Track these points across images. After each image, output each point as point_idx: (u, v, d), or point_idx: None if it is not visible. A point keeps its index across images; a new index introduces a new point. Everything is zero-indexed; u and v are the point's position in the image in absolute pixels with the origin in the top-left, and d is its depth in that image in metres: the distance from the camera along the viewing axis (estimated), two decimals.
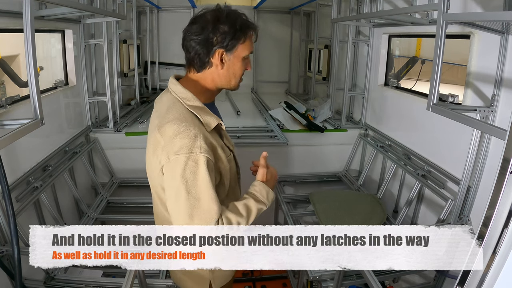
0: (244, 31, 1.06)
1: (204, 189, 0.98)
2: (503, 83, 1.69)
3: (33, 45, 1.38)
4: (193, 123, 1.01)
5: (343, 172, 3.08)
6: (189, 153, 0.97)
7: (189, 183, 0.98)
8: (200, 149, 0.98)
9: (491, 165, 1.77)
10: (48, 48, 2.54)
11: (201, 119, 1.04)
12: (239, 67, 1.10)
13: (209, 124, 1.05)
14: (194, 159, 0.97)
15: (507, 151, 0.74)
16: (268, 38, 4.90)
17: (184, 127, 0.99)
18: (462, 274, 0.80)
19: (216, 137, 1.08)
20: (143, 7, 4.26)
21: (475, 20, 1.51)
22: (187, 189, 0.97)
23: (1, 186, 1.38)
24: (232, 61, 1.07)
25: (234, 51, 1.06)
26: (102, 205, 2.54)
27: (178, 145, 0.98)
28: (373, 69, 2.97)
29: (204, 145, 0.99)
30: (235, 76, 1.11)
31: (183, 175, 0.97)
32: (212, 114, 1.08)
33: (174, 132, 0.99)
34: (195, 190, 0.98)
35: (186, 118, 1.02)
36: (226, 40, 1.04)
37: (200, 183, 0.98)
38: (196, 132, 0.99)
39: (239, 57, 1.08)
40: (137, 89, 3.77)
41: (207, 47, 1.04)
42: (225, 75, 1.09)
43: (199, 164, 0.98)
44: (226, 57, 1.06)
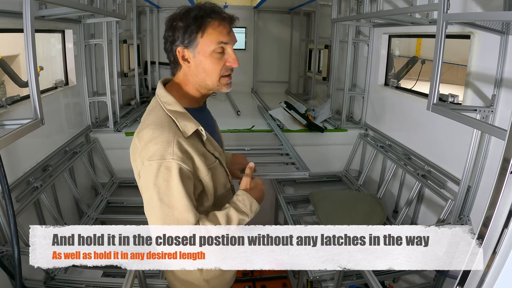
0: (199, 23, 0.97)
1: (177, 197, 0.94)
2: (503, 83, 1.69)
3: (33, 45, 1.38)
4: (169, 129, 0.96)
5: (343, 172, 3.08)
6: (162, 160, 0.93)
7: (161, 191, 0.94)
8: (173, 155, 0.93)
9: (491, 165, 1.77)
10: (48, 48, 2.54)
11: (178, 125, 0.98)
12: (210, 63, 0.99)
13: (186, 130, 0.99)
14: (166, 166, 0.93)
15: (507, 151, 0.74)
16: (268, 38, 4.91)
17: (159, 132, 0.95)
18: (462, 274, 0.80)
19: (197, 144, 1.02)
20: (143, 7, 4.26)
21: (475, 20, 1.51)
22: (160, 197, 0.94)
23: (1, 186, 1.38)
24: (198, 58, 0.99)
25: (196, 47, 0.98)
26: (102, 205, 2.54)
27: (152, 150, 0.94)
28: (373, 69, 2.97)
29: (177, 151, 0.94)
30: (207, 73, 1.01)
31: (155, 182, 0.94)
32: (191, 120, 1.00)
33: (149, 137, 0.95)
34: (168, 198, 0.94)
35: (163, 123, 0.97)
36: (182, 36, 0.98)
37: (173, 191, 0.94)
38: (170, 138, 0.94)
39: (205, 52, 0.98)
40: (137, 89, 3.77)
41: (171, 47, 1.01)
42: (196, 73, 1.01)
43: (171, 172, 0.93)
44: (188, 53, 0.99)
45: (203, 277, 1.15)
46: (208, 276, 1.15)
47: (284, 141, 2.79)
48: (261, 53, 4.92)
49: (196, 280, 1.16)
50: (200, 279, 1.16)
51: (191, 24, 0.97)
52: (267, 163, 2.54)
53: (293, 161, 2.46)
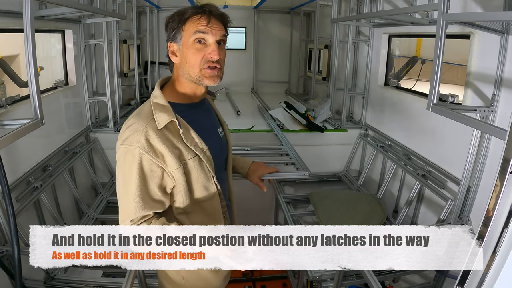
0: (180, 17, 1.04)
1: (132, 184, 0.99)
2: (503, 83, 1.69)
3: (33, 45, 1.38)
4: (145, 118, 1.01)
5: (343, 172, 3.08)
6: (129, 146, 0.98)
7: (125, 175, 1.00)
8: (138, 143, 0.97)
9: (491, 165, 1.77)
10: (48, 48, 2.54)
11: (154, 116, 1.02)
12: (191, 55, 1.03)
13: (159, 122, 1.01)
14: (132, 153, 0.98)
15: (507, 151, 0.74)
16: (268, 38, 4.91)
17: (134, 120, 1.01)
18: (462, 274, 0.80)
19: (173, 136, 1.02)
20: (143, 7, 4.26)
21: (475, 20, 1.51)
22: (123, 180, 1.01)
23: (1, 186, 1.38)
24: (182, 50, 1.04)
25: (180, 40, 1.04)
26: (102, 205, 2.54)
27: (125, 135, 1.00)
28: (373, 69, 2.97)
29: (143, 141, 0.97)
30: (190, 65, 1.03)
31: (122, 166, 1.00)
32: (168, 112, 1.02)
33: (127, 124, 1.02)
34: (126, 183, 1.00)
35: (142, 113, 1.03)
36: (170, 32, 1.06)
37: (131, 177, 0.99)
38: (141, 127, 0.99)
39: (187, 44, 1.03)
40: (137, 89, 3.78)
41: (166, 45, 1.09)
42: (181, 66, 1.06)
43: (134, 158, 0.98)
44: (175, 47, 1.06)
45: (181, 274, 1.17)
46: (186, 274, 1.16)
47: (284, 141, 2.79)
48: (261, 53, 4.92)
49: (174, 276, 1.18)
50: (178, 276, 1.17)
51: (175, 20, 1.04)
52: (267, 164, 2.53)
53: (293, 161, 2.45)
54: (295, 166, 2.38)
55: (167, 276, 1.20)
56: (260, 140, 2.94)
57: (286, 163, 2.47)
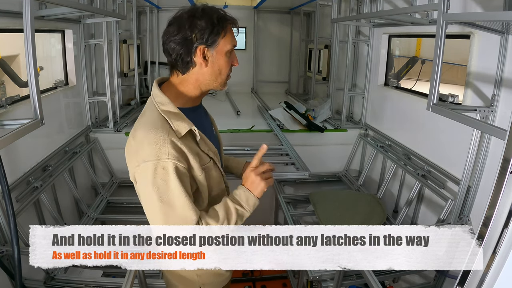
0: (222, 24, 1.01)
1: (177, 195, 0.95)
2: (503, 83, 1.69)
3: (33, 45, 1.38)
4: (163, 129, 0.96)
5: (343, 172, 3.08)
6: (157, 160, 0.94)
7: (160, 191, 0.95)
8: (168, 155, 0.94)
9: (491, 165, 1.77)
10: (48, 48, 2.54)
11: (171, 125, 0.99)
12: (224, 63, 1.04)
13: (179, 130, 0.99)
14: (163, 166, 0.94)
15: (507, 151, 0.74)
16: (268, 38, 4.91)
17: (153, 132, 0.95)
18: (462, 274, 0.79)
19: (191, 143, 1.02)
20: (143, 7, 4.26)
21: (475, 20, 1.51)
22: (160, 197, 0.95)
23: (1, 186, 1.38)
24: (216, 57, 1.02)
25: (216, 46, 1.01)
26: (102, 205, 2.54)
27: (146, 151, 0.94)
28: (373, 69, 2.97)
29: (172, 151, 0.94)
30: (220, 73, 1.05)
31: (153, 183, 0.94)
32: (185, 120, 1.01)
33: (143, 137, 0.96)
34: (168, 198, 0.95)
35: (156, 123, 0.98)
36: (205, 36, 0.99)
37: (172, 190, 0.95)
38: (164, 138, 0.95)
39: (222, 52, 1.02)
40: (137, 89, 3.78)
41: (187, 46, 1.00)
42: (210, 72, 1.04)
43: (168, 171, 0.94)
44: (208, 53, 1.01)
45: (195, 272, 1.15)
46: (200, 270, 1.15)
47: (284, 141, 2.79)
48: (261, 53, 4.92)
49: (188, 274, 1.16)
50: (192, 273, 1.16)
51: (216, 25, 1.00)
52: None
53: (293, 161, 2.46)
54: (295, 166, 2.39)
55: (180, 277, 1.18)
56: (260, 140, 2.93)
57: (286, 163, 2.48)
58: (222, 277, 1.25)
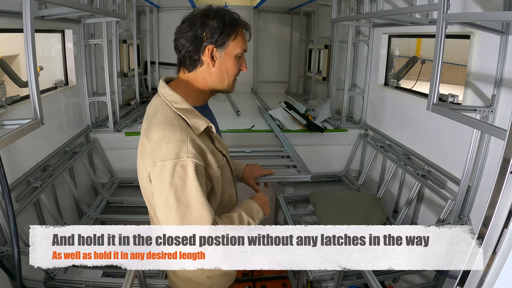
0: (234, 27, 1.02)
1: (194, 195, 0.94)
2: (503, 83, 1.69)
3: (33, 45, 1.37)
4: (180, 127, 0.96)
5: (343, 172, 3.08)
6: (176, 159, 0.93)
7: (178, 190, 0.94)
8: (187, 154, 0.93)
9: (491, 165, 1.77)
10: (48, 48, 2.54)
11: (189, 122, 0.99)
12: (232, 65, 1.04)
13: (197, 127, 0.99)
14: (182, 165, 0.93)
15: (507, 151, 0.74)
16: (268, 38, 4.91)
17: (171, 131, 0.95)
18: (462, 274, 0.79)
19: (206, 141, 1.03)
20: (143, 7, 4.26)
21: (475, 20, 1.51)
22: (177, 197, 0.94)
23: (1, 186, 1.38)
24: (224, 58, 1.03)
25: (225, 48, 1.02)
26: (102, 205, 2.54)
27: (164, 150, 0.93)
28: (373, 69, 2.97)
29: (192, 149, 0.94)
30: (228, 75, 1.05)
31: (171, 182, 0.93)
32: (201, 117, 1.02)
33: (160, 136, 0.95)
34: (185, 198, 0.94)
35: (172, 121, 0.97)
36: (215, 36, 1.00)
37: (190, 189, 0.94)
38: (183, 136, 0.94)
39: (231, 55, 1.03)
40: (137, 89, 3.77)
41: (196, 44, 1.00)
42: (217, 73, 1.04)
43: (187, 170, 0.93)
44: (217, 53, 1.02)
45: (205, 274, 1.16)
46: (210, 272, 1.16)
47: (284, 143, 2.78)
48: (261, 53, 4.91)
49: (197, 277, 1.16)
50: (202, 276, 1.16)
51: (227, 27, 1.00)
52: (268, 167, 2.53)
53: (294, 163, 2.44)
54: (297, 169, 2.37)
55: (188, 279, 1.18)
56: (260, 140, 2.93)
57: (287, 166, 2.47)
58: (230, 276, 1.26)
